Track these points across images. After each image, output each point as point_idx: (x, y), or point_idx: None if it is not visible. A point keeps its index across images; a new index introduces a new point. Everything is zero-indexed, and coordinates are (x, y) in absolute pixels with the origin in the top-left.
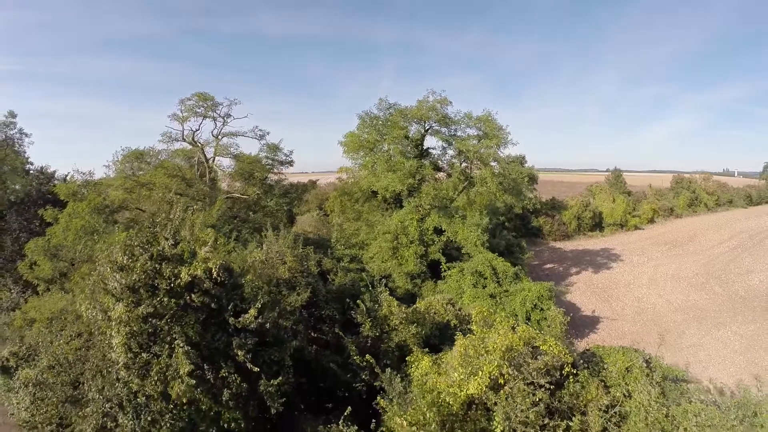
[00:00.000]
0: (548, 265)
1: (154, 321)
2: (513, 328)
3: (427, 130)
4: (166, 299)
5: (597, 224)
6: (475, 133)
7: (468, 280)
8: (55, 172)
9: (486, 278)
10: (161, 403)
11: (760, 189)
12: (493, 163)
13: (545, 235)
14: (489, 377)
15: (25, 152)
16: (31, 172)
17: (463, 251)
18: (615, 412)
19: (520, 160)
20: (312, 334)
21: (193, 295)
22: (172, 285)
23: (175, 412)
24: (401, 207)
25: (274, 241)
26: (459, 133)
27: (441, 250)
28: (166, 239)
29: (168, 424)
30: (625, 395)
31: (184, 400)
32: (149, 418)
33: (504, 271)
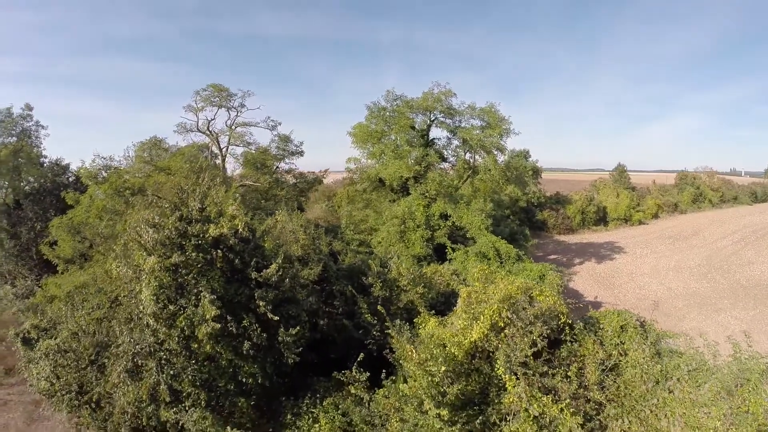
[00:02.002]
0: (552, 256)
1: (182, 272)
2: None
3: (433, 121)
4: (194, 254)
5: (601, 219)
6: (479, 124)
7: (472, 260)
8: (69, 164)
9: (490, 259)
10: (183, 359)
11: (765, 186)
12: (496, 152)
13: (550, 228)
14: (490, 321)
15: (41, 144)
16: (46, 164)
17: (468, 235)
18: (609, 365)
19: (525, 154)
20: (324, 308)
21: (218, 251)
22: (199, 242)
23: (196, 367)
24: (408, 195)
25: (287, 220)
26: (463, 124)
27: (447, 235)
28: (194, 202)
29: (189, 377)
30: (620, 354)
31: (208, 348)
32: (171, 372)
33: (507, 253)
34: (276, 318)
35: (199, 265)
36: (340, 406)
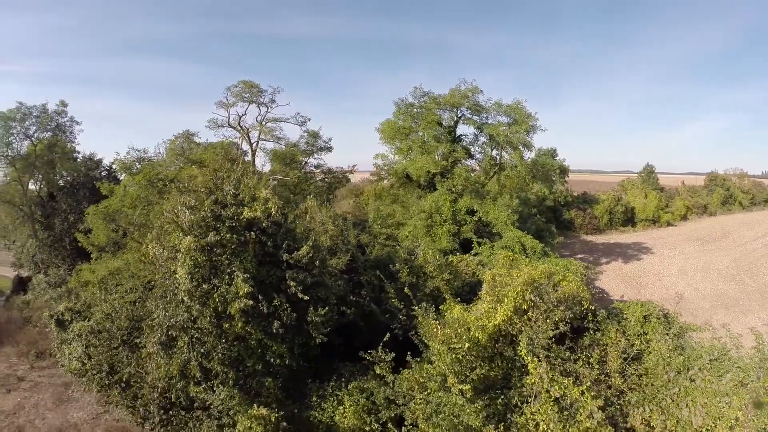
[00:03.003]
0: (579, 255)
1: (217, 251)
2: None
3: (460, 117)
4: (228, 235)
5: (629, 219)
6: (505, 121)
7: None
8: (102, 159)
9: (516, 253)
10: (214, 338)
11: None
12: (522, 149)
13: (577, 228)
14: (513, 303)
15: (75, 139)
16: (79, 159)
17: (494, 230)
18: (632, 354)
19: (552, 153)
20: (351, 297)
21: (252, 233)
22: (234, 224)
23: (225, 346)
24: (435, 191)
25: (317, 209)
26: (490, 121)
27: (473, 230)
28: (229, 186)
29: (219, 356)
30: (643, 344)
31: (239, 326)
32: (202, 350)
33: (533, 248)
34: (306, 298)
35: (232, 246)
36: (364, 390)
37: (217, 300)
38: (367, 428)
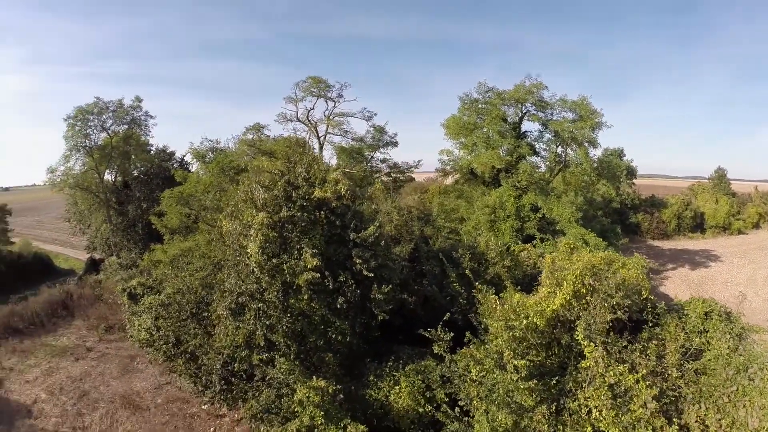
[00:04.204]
0: (647, 263)
1: (288, 227)
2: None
3: (525, 113)
4: (299, 213)
5: (698, 225)
6: (570, 117)
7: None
8: (174, 151)
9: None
10: (280, 312)
11: None
12: (587, 145)
13: (643, 232)
14: (573, 287)
15: (149, 132)
16: (153, 151)
17: (557, 228)
18: (691, 350)
19: (619, 153)
20: (413, 285)
21: (321, 212)
22: (304, 203)
23: (290, 320)
24: (499, 187)
25: (383, 199)
26: (555, 117)
27: (536, 227)
28: (301, 168)
29: (284, 329)
30: (704, 343)
31: (305, 299)
32: (267, 323)
33: (596, 245)
34: (371, 275)
35: (302, 224)
36: (420, 372)
37: (286, 272)
38: (420, 409)
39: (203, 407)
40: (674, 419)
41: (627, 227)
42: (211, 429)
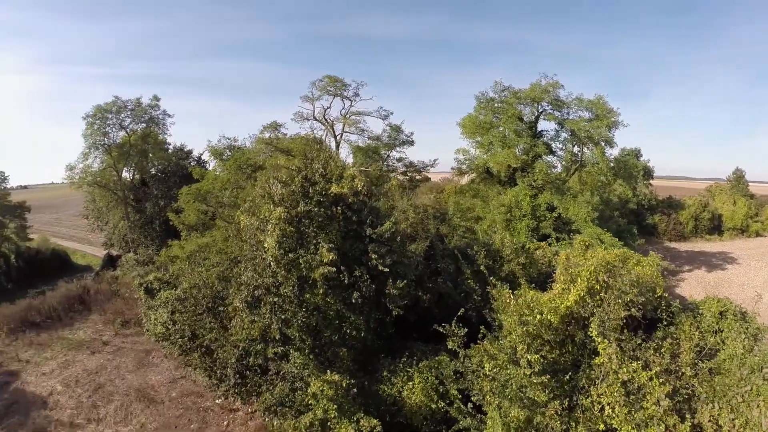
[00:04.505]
0: (662, 263)
1: (305, 222)
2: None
3: (541, 112)
4: (315, 209)
5: (715, 227)
6: (587, 116)
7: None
8: (191, 150)
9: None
10: (295, 306)
11: None
12: (603, 145)
13: (660, 234)
14: (587, 283)
15: (167, 131)
16: (170, 149)
17: (573, 227)
18: (705, 349)
19: (636, 153)
20: (428, 284)
21: (338, 208)
22: (321, 198)
23: (305, 315)
24: (515, 186)
25: (398, 197)
26: (571, 116)
27: (552, 226)
28: (318, 164)
29: (298, 323)
30: (719, 342)
31: (320, 293)
32: (283, 317)
33: (612, 245)
34: (386, 270)
35: (319, 219)
36: (434, 368)
37: (302, 266)
38: (433, 405)
39: (217, 401)
40: (687, 418)
41: (644, 228)
42: (225, 423)
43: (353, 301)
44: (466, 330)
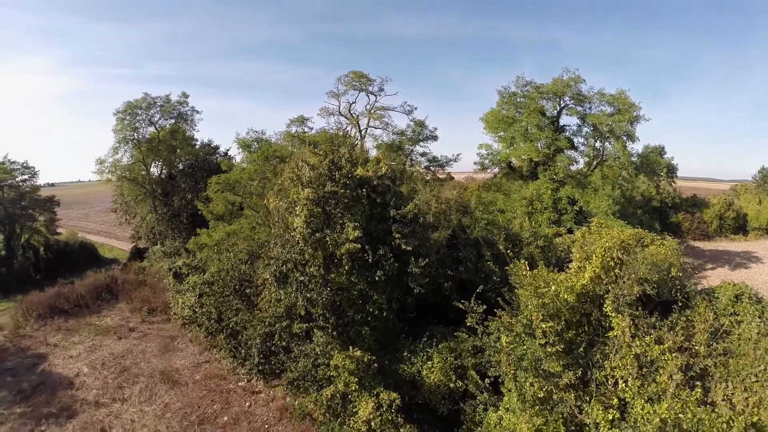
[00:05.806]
0: (683, 260)
1: (332, 202)
2: None
3: (563, 107)
4: (342, 190)
5: (740, 227)
6: (609, 111)
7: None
8: (218, 145)
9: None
10: (320, 286)
11: None
12: (625, 139)
13: (684, 233)
14: (602, 260)
15: (195, 127)
16: (198, 145)
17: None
18: (720, 331)
19: (659, 151)
20: (449, 272)
21: (363, 190)
22: (347, 181)
23: (330, 294)
24: (536, 180)
25: (422, 187)
26: (593, 110)
27: (573, 219)
28: (344, 149)
29: (323, 301)
30: (733, 324)
31: (345, 269)
32: (308, 295)
33: None
34: (409, 248)
35: (345, 200)
36: (453, 350)
37: (329, 244)
38: (451, 384)
39: (240, 384)
40: (699, 392)
41: (667, 227)
42: (247, 404)
43: (377, 279)
44: (484, 307)
